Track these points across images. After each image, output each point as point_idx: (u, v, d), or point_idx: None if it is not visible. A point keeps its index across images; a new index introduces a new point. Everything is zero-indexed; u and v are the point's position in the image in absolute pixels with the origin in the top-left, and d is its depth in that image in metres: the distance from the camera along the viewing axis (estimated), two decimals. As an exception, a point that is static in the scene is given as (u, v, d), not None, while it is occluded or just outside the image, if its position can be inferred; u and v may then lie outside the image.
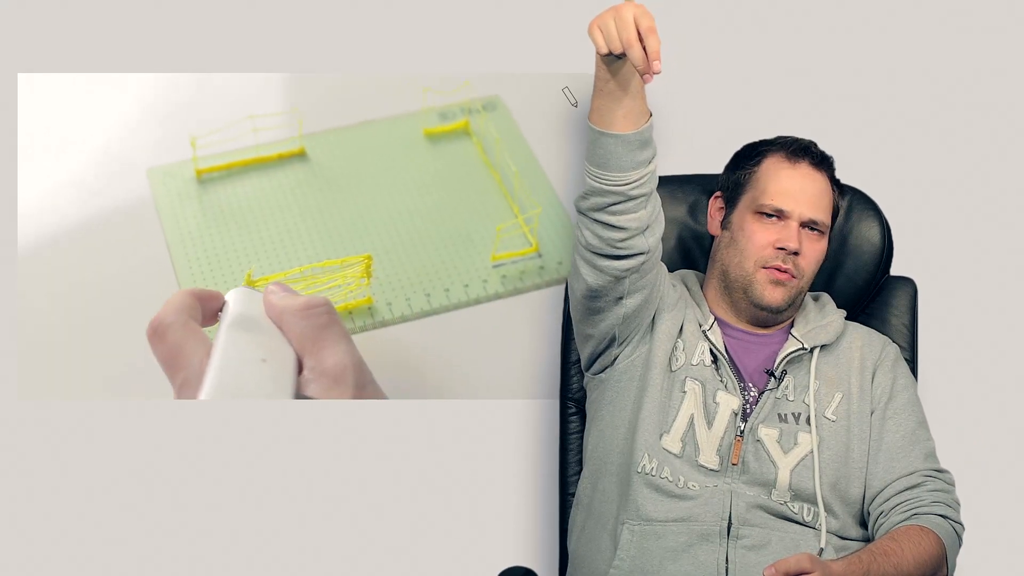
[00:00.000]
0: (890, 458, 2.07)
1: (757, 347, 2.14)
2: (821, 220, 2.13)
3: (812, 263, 2.13)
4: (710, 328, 2.12)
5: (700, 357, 2.10)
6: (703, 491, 2.03)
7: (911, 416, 2.11)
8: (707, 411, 2.07)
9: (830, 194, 2.15)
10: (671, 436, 2.06)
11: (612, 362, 2.14)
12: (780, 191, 2.12)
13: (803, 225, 2.11)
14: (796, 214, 2.11)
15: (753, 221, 2.12)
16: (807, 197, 2.12)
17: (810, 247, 2.12)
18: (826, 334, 2.14)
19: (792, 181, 2.12)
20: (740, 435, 2.06)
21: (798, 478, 2.04)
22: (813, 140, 2.18)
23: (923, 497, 2.03)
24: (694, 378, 2.09)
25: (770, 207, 2.11)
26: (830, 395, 2.10)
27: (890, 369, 2.14)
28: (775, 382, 2.09)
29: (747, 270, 2.11)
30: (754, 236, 2.11)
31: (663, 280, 2.14)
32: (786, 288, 2.11)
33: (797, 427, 2.07)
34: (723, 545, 2.01)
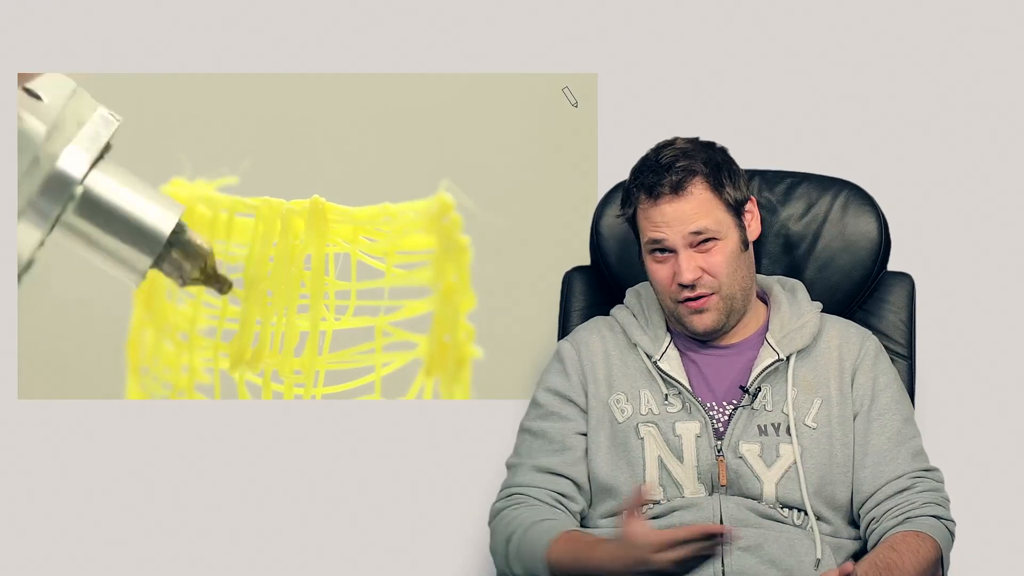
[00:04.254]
0: (877, 462, 2.05)
1: (730, 359, 2.10)
2: (704, 227, 2.03)
3: (722, 271, 2.04)
4: (661, 357, 2.09)
5: (648, 406, 2.08)
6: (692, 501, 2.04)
7: (896, 415, 2.09)
8: (671, 446, 2.05)
9: (708, 200, 2.04)
10: (648, 487, 2.05)
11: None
12: (653, 227, 2.05)
13: (693, 245, 2.04)
14: (675, 239, 2.03)
15: (651, 262, 2.07)
16: (678, 222, 2.03)
17: (709, 260, 2.04)
18: (802, 338, 2.09)
19: (659, 215, 2.04)
20: (720, 454, 2.04)
21: (784, 490, 2.03)
22: (667, 162, 2.05)
23: (913, 500, 2.02)
24: (645, 423, 2.07)
25: (651, 242, 2.06)
26: (809, 401, 2.07)
27: (871, 367, 2.10)
28: (749, 398, 2.06)
29: (669, 306, 2.07)
30: (656, 276, 2.07)
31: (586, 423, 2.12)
32: (710, 312, 2.05)
33: (778, 438, 2.04)
34: (718, 549, 2.01)
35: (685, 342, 2.11)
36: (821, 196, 2.28)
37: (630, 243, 2.23)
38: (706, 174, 2.05)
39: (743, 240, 2.08)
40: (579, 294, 2.32)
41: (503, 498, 2.10)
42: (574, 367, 2.13)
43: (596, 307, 2.29)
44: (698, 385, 2.09)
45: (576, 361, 2.13)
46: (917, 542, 1.98)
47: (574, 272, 2.34)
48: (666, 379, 2.08)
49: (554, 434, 2.10)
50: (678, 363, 2.09)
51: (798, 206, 2.29)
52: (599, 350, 2.13)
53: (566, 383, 2.12)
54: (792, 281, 2.19)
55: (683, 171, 2.03)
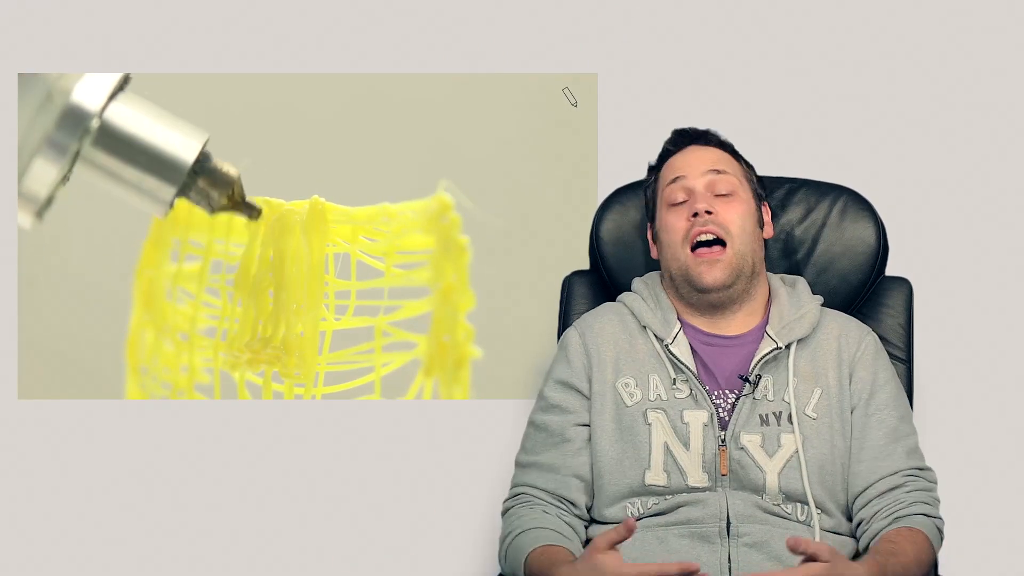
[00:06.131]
0: (873, 457, 2.06)
1: (732, 350, 2.11)
2: (724, 169, 2.12)
3: (734, 221, 2.09)
4: (673, 340, 2.10)
5: (657, 391, 2.09)
6: (698, 497, 2.03)
7: (893, 411, 2.09)
8: (679, 433, 2.06)
9: (729, 157, 2.16)
10: (653, 471, 2.05)
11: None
12: (673, 171, 2.14)
13: (712, 191, 2.11)
14: (695, 176, 2.12)
15: (668, 214, 2.12)
16: (701, 161, 2.14)
17: (724, 207, 2.09)
18: (801, 328, 2.10)
19: (681, 160, 2.15)
20: (723, 444, 2.05)
21: (786, 480, 2.03)
22: (693, 126, 2.20)
23: (902, 499, 2.03)
24: (654, 408, 2.08)
25: (671, 190, 2.13)
26: (809, 391, 2.08)
27: (871, 364, 2.11)
28: (750, 387, 2.07)
29: (680, 258, 2.10)
30: (671, 224, 2.11)
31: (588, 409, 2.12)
32: (721, 263, 2.08)
33: (779, 428, 2.05)
34: (724, 545, 2.01)
35: (691, 332, 2.12)
36: (819, 201, 2.29)
37: (629, 247, 2.24)
38: (730, 147, 2.19)
39: (758, 216, 2.14)
40: (579, 298, 2.32)
41: (511, 496, 2.12)
42: (577, 352, 2.14)
43: (596, 310, 2.28)
44: (703, 374, 2.09)
45: (580, 345, 2.14)
46: (912, 534, 1.99)
47: (574, 276, 2.34)
48: (675, 363, 2.09)
49: (555, 428, 2.11)
50: (687, 348, 2.10)
51: (796, 211, 2.30)
52: (607, 332, 2.14)
53: (568, 371, 2.13)
54: (794, 277, 2.21)
55: (710, 134, 2.18)
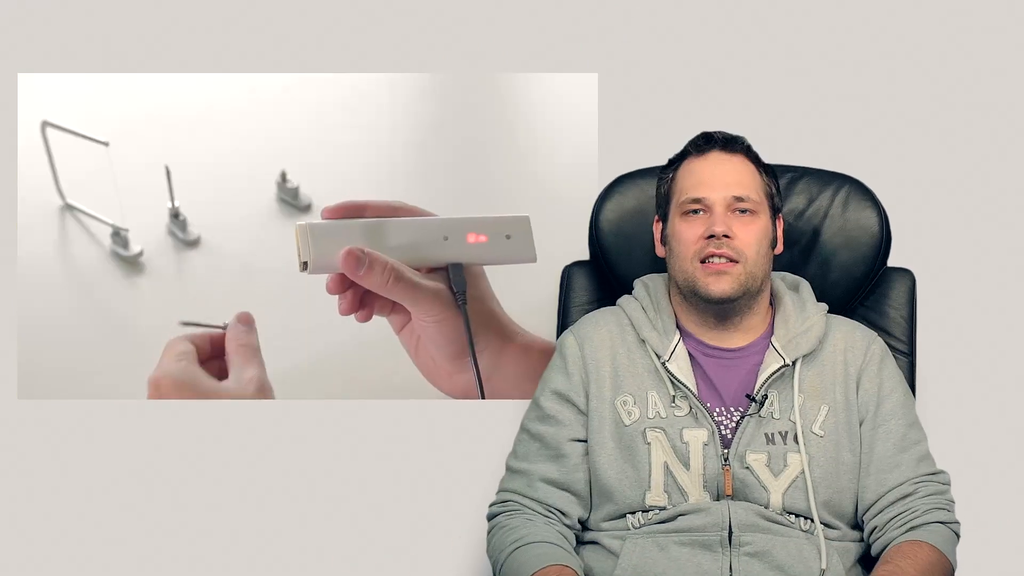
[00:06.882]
0: (881, 469, 2.04)
1: (736, 363, 2.08)
2: (746, 195, 2.06)
3: (751, 244, 2.05)
4: (671, 357, 2.07)
5: (655, 409, 2.06)
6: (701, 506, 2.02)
7: (900, 420, 2.07)
8: (678, 453, 2.04)
9: (752, 172, 2.09)
10: (653, 492, 2.04)
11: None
12: (695, 183, 2.07)
13: (731, 209, 2.05)
14: (716, 199, 2.05)
15: (681, 223, 2.07)
16: (723, 179, 2.06)
17: (742, 228, 2.04)
18: (807, 342, 2.07)
19: (704, 170, 2.08)
20: (726, 463, 2.03)
21: (791, 499, 2.02)
22: (721, 130, 2.13)
23: (916, 507, 2.01)
24: (652, 428, 2.05)
25: (689, 200, 2.06)
26: (816, 408, 2.05)
27: (876, 373, 2.09)
28: (756, 406, 2.04)
29: (687, 270, 2.06)
30: (683, 235, 2.06)
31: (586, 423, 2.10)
32: (730, 276, 2.04)
33: (785, 447, 2.03)
34: (726, 554, 1.99)
35: (693, 343, 2.09)
36: (822, 191, 2.28)
37: (629, 238, 2.23)
38: (753, 154, 2.11)
39: (772, 235, 2.09)
40: (578, 289, 2.31)
41: (499, 502, 2.09)
42: (576, 365, 2.11)
43: (595, 302, 2.28)
44: (705, 390, 2.07)
45: (579, 358, 2.11)
46: (915, 549, 1.97)
47: (573, 267, 2.33)
48: (674, 382, 2.06)
49: (550, 439, 2.09)
50: (687, 365, 2.07)
51: (799, 201, 2.28)
52: (605, 346, 2.11)
53: (567, 382, 2.10)
54: (795, 278, 2.18)
55: (734, 138, 2.10)
